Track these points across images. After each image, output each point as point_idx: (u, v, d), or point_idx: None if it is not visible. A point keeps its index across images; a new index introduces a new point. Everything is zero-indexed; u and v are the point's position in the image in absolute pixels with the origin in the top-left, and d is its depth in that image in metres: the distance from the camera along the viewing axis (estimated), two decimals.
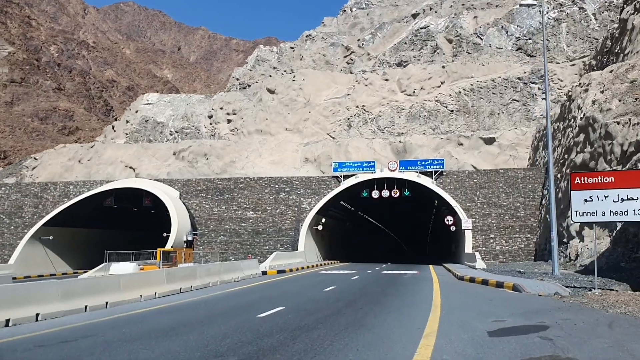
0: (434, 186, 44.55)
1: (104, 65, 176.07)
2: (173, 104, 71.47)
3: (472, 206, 43.88)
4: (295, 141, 60.54)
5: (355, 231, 64.36)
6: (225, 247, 43.50)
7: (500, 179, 45.28)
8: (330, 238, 52.34)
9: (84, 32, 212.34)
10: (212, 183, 48.25)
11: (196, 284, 20.86)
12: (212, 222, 45.57)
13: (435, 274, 29.43)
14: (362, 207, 55.29)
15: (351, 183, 45.64)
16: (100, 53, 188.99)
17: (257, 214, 45.68)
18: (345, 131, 60.92)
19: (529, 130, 56.23)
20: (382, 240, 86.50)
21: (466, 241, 39.73)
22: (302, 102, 62.58)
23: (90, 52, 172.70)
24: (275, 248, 42.76)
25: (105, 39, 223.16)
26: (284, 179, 47.80)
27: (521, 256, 40.24)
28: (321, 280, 24.00)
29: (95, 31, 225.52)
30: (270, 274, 29.67)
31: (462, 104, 60.37)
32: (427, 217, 62.07)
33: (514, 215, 42.84)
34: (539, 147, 49.87)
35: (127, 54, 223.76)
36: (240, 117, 64.38)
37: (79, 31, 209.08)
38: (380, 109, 61.43)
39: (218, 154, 58.79)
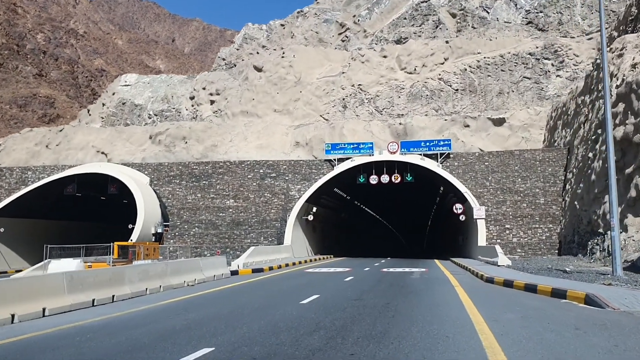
0: (440, 170, 38.30)
1: (93, 54, 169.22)
2: (153, 85, 64.97)
3: (484, 192, 37.66)
4: (284, 123, 54.18)
5: (351, 222, 58.10)
6: (200, 240, 37.22)
7: (515, 162, 39.04)
8: (323, 230, 46.11)
9: (75, 21, 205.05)
10: (187, 168, 41.89)
11: (123, 292, 14.58)
12: (185, 211, 39.26)
13: (448, 272, 23.21)
14: (359, 195, 48.99)
15: (346, 167, 39.37)
16: (91, 42, 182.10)
17: (237, 203, 39.39)
18: (340, 112, 54.56)
19: (542, 109, 49.95)
20: (381, 233, 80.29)
21: (479, 232, 33.54)
22: (292, 81, 56.18)
23: (79, 40, 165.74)
24: (258, 241, 36.54)
25: (97, 29, 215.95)
26: (270, 162, 41.48)
27: (543, 250, 34.07)
28: (303, 285, 17.75)
29: (86, 21, 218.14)
30: (243, 274, 23.40)
31: (468, 82, 54.04)
32: (430, 206, 55.72)
33: (532, 202, 36.63)
34: (557, 127, 43.61)
35: (119, 45, 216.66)
36: (224, 98, 57.96)
37: (69, 20, 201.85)
38: (378, 88, 55.06)
39: (198, 137, 52.40)
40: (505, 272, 19.72)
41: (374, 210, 63.35)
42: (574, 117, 38.98)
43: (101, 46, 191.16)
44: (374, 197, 52.40)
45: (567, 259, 29.92)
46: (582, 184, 32.01)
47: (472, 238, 36.65)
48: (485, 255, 29.22)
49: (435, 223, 66.01)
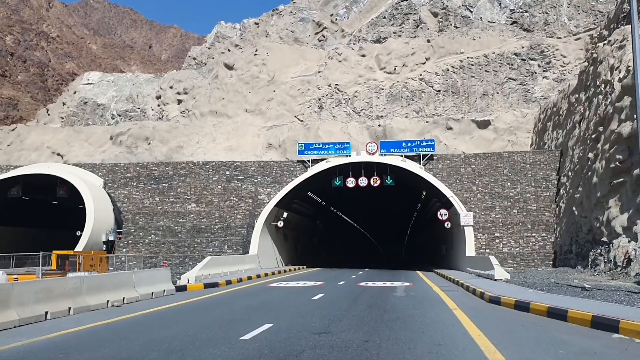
0: (423, 172, 34.67)
1: (65, 57, 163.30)
2: (117, 84, 60.47)
3: (471, 197, 34.13)
4: (256, 124, 50.24)
5: (327, 230, 54.17)
6: (156, 249, 32.90)
7: (504, 165, 35.64)
8: (297, 238, 42.11)
9: (48, 25, 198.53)
10: (145, 169, 37.58)
11: (6, 318, 10.43)
12: (141, 217, 34.92)
13: (437, 288, 19.42)
14: (335, 200, 45.12)
15: (320, 169, 35.52)
16: (63, 46, 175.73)
17: (200, 207, 35.18)
18: (316, 113, 50.82)
19: (529, 111, 46.92)
20: (359, 242, 76.45)
21: (467, 241, 29.91)
22: (265, 80, 52.32)
23: (50, 43, 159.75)
24: (222, 250, 32.38)
25: (70, 33, 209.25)
26: (237, 164, 37.41)
27: (536, 261, 30.56)
28: (257, 307, 13.75)
29: (60, 25, 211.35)
30: (192, 291, 19.27)
31: (451, 83, 50.81)
32: (410, 212, 51.92)
33: (523, 208, 33.20)
34: (546, 129, 40.44)
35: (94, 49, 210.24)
36: (192, 97, 53.80)
37: (41, 24, 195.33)
38: (356, 88, 51.51)
39: (162, 138, 48.13)
40: (509, 289, 16.00)
41: (351, 217, 59.47)
42: (566, 117, 35.80)
43: (74, 50, 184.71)
44: (351, 203, 48.59)
45: (565, 271, 26.42)
46: (580, 188, 28.62)
47: (458, 247, 33.03)
48: (475, 266, 25.54)
49: (416, 231, 62.33)
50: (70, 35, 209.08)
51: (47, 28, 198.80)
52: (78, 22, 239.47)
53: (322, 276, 27.36)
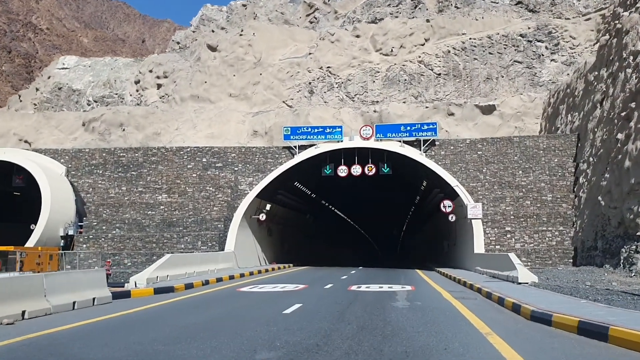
0: (424, 159, 30.52)
1: (53, 49, 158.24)
2: (94, 68, 56.00)
3: (478, 187, 30.00)
4: (241, 110, 45.97)
5: (317, 225, 49.96)
6: (121, 245, 28.61)
7: (514, 151, 31.53)
8: (283, 234, 37.88)
9: (37, 17, 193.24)
10: (112, 155, 33.27)
11: None
12: (105, 208, 30.62)
13: (447, 293, 15.26)
14: (325, 191, 40.86)
15: (308, 155, 31.33)
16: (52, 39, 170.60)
17: (172, 198, 30.92)
18: (306, 98, 46.57)
19: (538, 95, 42.83)
20: (352, 237, 72.20)
21: (475, 236, 25.78)
22: (251, 62, 48.01)
23: (38, 35, 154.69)
24: (194, 246, 28.15)
25: (61, 26, 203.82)
26: (215, 149, 33.15)
27: (554, 259, 26.44)
28: (194, 331, 9.47)
29: (50, 17, 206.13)
30: (138, 297, 15.03)
31: (452, 66, 46.64)
32: (409, 205, 47.45)
33: (537, 199, 29.09)
34: (558, 113, 36.33)
35: (85, 42, 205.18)
36: (172, 81, 49.43)
37: (31, 16, 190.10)
38: (350, 71, 47.28)
39: (138, 124, 43.80)
40: (547, 298, 11.85)
41: (343, 211, 55.12)
42: (583, 98, 31.69)
43: (64, 43, 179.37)
44: (344, 194, 44.31)
45: (590, 270, 22.31)
46: (607, 175, 24.50)
47: (464, 243, 28.90)
48: (489, 266, 21.39)
49: (415, 225, 57.88)
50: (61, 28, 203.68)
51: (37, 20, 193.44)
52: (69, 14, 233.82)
53: (308, 277, 23.18)
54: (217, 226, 28.94)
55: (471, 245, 26.21)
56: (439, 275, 24.88)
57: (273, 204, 32.40)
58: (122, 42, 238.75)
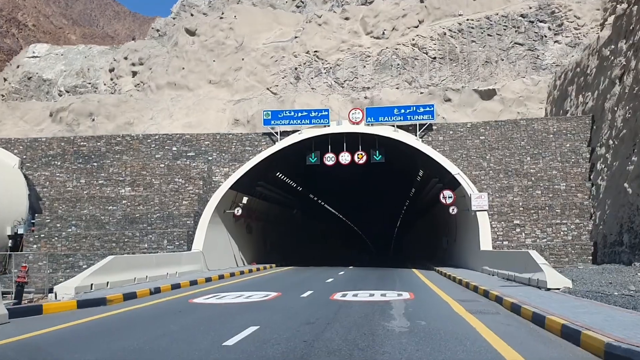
0: (421, 144, 26.85)
1: None
2: (67, 57, 52.01)
3: (481, 176, 26.36)
4: (221, 97, 42.14)
5: (305, 221, 46.20)
6: (76, 244, 24.75)
7: (520, 135, 27.89)
8: (265, 231, 34.09)
9: (23, 14, 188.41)
10: (72, 144, 29.38)
11: None
12: (61, 204, 26.76)
13: (457, 305, 11.52)
14: (311, 183, 37.07)
15: (291, 142, 27.58)
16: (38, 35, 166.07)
17: (136, 191, 27.08)
18: (292, 85, 42.79)
19: (542, 79, 39.25)
20: (343, 234, 68.40)
21: (481, 231, 22.13)
22: (232, 47, 44.18)
23: (22, 31, 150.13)
24: (160, 246, 24.35)
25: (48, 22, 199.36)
26: (187, 137, 29.34)
27: (570, 255, 22.81)
28: None
29: (36, 14, 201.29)
30: (53, 313, 11.24)
31: (448, 49, 42.98)
32: (404, 197, 43.40)
33: (548, 188, 25.48)
34: (567, 95, 32.72)
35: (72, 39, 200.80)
36: (148, 68, 45.53)
37: (16, 12, 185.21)
38: (339, 55, 43.53)
39: (109, 114, 39.89)
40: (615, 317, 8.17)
41: (332, 205, 51.26)
42: (598, 76, 28.08)
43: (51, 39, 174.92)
44: (332, 186, 40.46)
45: (617, 269, 18.64)
46: (635, 157, 20.90)
47: (467, 239, 25.24)
48: (500, 265, 17.71)
49: (410, 219, 53.96)
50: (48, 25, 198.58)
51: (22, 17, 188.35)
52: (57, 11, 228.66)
53: (287, 281, 19.46)
54: (186, 222, 25.13)
55: (476, 241, 22.56)
56: (440, 276, 21.23)
57: (252, 197, 28.64)
58: (112, 39, 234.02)
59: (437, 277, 21.21)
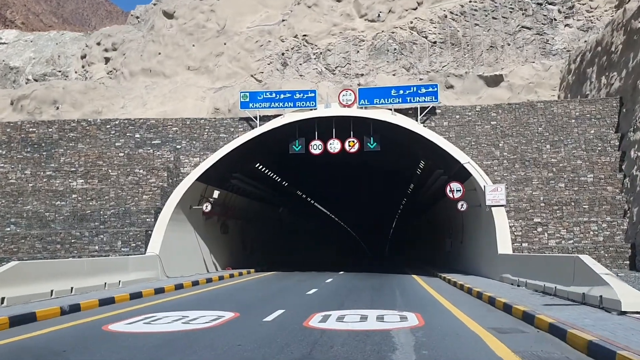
0: (423, 129, 22.81)
1: None
2: (37, 44, 47.80)
3: (494, 166, 22.34)
4: (201, 85, 37.99)
5: (292, 220, 42.05)
6: (14, 246, 20.55)
7: (538, 120, 23.90)
8: (245, 231, 29.87)
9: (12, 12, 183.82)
10: (18, 130, 25.17)
11: None
12: (0, 199, 22.53)
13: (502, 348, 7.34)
14: (297, 175, 32.84)
15: (272, 126, 23.47)
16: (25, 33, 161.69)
17: (89, 184, 22.89)
18: (278, 72, 38.67)
19: (553, 63, 35.33)
20: (335, 234, 64.14)
21: (498, 231, 18.06)
22: (214, 30, 40.05)
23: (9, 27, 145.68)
24: (113, 247, 20.20)
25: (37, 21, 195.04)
26: (151, 122, 25.19)
27: (604, 259, 18.78)
28: None
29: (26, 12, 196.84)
30: None
31: (449, 33, 38.99)
32: (402, 191, 38.72)
33: (573, 181, 21.49)
34: (585, 78, 28.77)
35: None
36: (121, 53, 41.34)
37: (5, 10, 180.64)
38: (330, 40, 39.46)
39: (75, 101, 35.68)
40: None
41: (320, 201, 46.95)
42: (626, 53, 24.16)
43: None
44: (320, 179, 36.19)
45: None
46: None
47: (478, 240, 21.18)
48: (529, 274, 13.64)
49: (407, 219, 49.50)
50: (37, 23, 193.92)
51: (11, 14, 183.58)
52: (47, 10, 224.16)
53: (256, 293, 15.33)
54: (145, 220, 20.97)
55: (490, 243, 18.51)
56: (448, 286, 17.19)
57: (226, 192, 24.54)
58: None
59: (444, 286, 17.17)
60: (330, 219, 56.63)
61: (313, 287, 16.70)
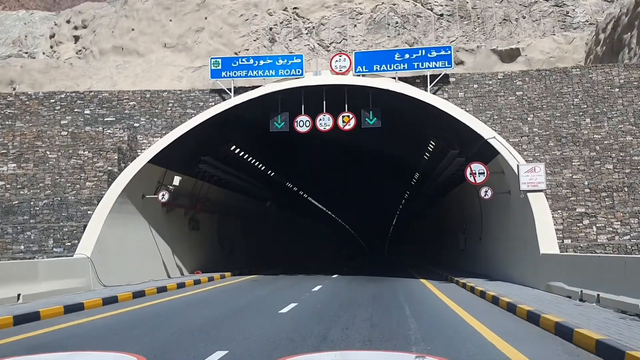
0: (435, 99, 18.28)
1: None
2: (4, 24, 43.34)
3: (522, 144, 17.84)
4: (178, 64, 33.52)
5: (284, 217, 37.53)
6: None
7: (574, 89, 19.37)
8: (222, 227, 25.18)
9: None
10: None
11: None
12: None
13: None
14: (281, 160, 28.00)
15: (248, 98, 18.90)
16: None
17: (23, 169, 18.36)
18: (266, 48, 34.11)
19: (577, 35, 30.86)
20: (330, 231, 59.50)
21: (538, 224, 13.49)
22: (193, 4, 35.55)
23: None
24: (43, 247, 15.71)
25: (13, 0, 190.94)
26: (104, 95, 20.70)
27: None
28: None
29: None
30: None
31: (458, 5, 34.45)
32: (407, 178, 32.70)
33: (624, 161, 16.99)
34: (621, 45, 24.24)
35: None
36: (91, 31, 36.84)
37: None
38: (324, 13, 34.93)
39: (34, 81, 31.19)
40: None
41: (314, 195, 42.14)
42: None
43: None
44: (310, 167, 31.42)
45: None
46: None
47: (505, 237, 16.62)
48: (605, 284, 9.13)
49: (411, 212, 44.20)
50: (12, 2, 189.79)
51: None
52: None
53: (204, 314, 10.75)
54: (87, 213, 16.46)
55: (527, 239, 14.02)
56: (472, 297, 12.76)
57: (194, 180, 20.03)
58: None
59: (466, 296, 12.74)
60: (325, 214, 51.92)
61: (292, 300, 12.22)
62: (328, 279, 19.91)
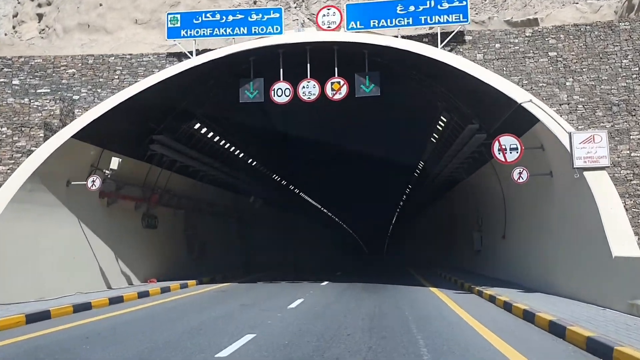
0: (448, 55, 14.15)
1: None
2: None
3: (561, 114, 13.68)
4: (151, 41, 29.40)
5: (272, 215, 33.36)
6: None
7: (621, 47, 15.22)
8: (191, 226, 20.82)
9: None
10: None
11: None
12: None
13: None
14: (253, 145, 23.32)
15: (212, 57, 14.73)
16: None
17: None
18: None
19: (604, 3, 26.77)
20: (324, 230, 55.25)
21: (604, 214, 9.22)
22: None
23: None
24: None
25: None
26: (37, 62, 16.62)
27: None
28: None
29: None
30: None
31: None
32: (412, 162, 26.73)
33: None
34: None
35: None
36: (55, 8, 32.76)
37: None
38: None
39: None
40: None
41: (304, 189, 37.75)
42: None
43: None
44: (296, 151, 27.03)
45: None
46: None
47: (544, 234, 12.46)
48: None
49: (414, 207, 39.10)
50: None
51: None
52: None
53: (107, 356, 6.61)
54: None
55: (583, 237, 9.95)
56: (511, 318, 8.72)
57: (149, 165, 15.88)
58: None
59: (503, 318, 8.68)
60: (319, 212, 47.70)
61: (249, 328, 8.11)
62: (315, 287, 15.85)
